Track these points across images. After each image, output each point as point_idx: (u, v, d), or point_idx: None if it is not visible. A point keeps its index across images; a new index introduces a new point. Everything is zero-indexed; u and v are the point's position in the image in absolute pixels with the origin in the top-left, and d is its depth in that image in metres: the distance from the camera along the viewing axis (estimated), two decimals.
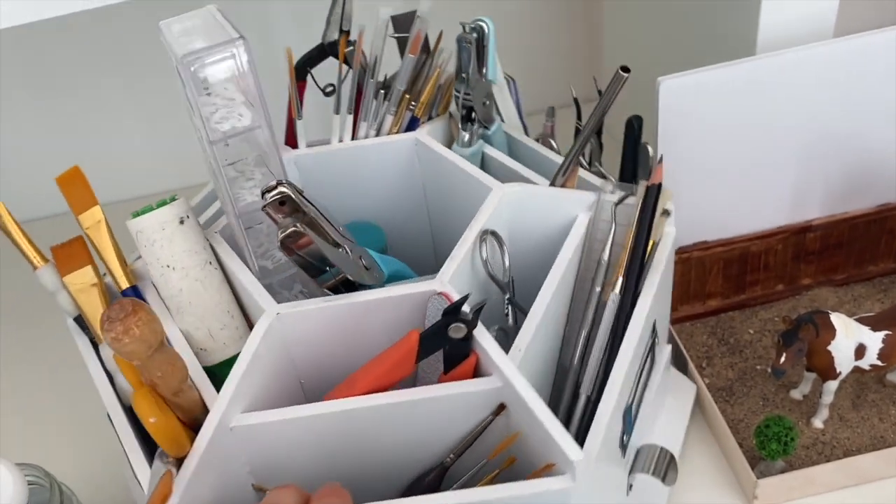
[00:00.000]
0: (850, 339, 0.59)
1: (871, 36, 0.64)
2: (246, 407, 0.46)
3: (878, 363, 0.60)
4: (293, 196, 0.46)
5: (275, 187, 0.46)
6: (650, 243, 0.52)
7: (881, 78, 0.65)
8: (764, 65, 0.62)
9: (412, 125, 0.63)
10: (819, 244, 0.71)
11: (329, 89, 0.63)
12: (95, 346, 0.53)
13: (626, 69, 0.54)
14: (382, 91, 0.61)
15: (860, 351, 0.59)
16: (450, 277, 0.49)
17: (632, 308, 0.51)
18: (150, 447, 0.46)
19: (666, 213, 0.53)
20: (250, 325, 0.54)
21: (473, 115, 0.61)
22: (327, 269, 0.48)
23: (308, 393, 0.53)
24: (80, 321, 0.53)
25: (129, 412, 0.49)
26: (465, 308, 0.45)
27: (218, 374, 0.49)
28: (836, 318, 0.59)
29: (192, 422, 0.45)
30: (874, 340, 0.59)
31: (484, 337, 0.45)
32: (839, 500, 0.60)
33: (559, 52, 1.00)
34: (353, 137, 0.62)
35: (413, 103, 0.62)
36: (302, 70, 0.64)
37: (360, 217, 0.65)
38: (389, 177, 0.64)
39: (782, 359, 0.58)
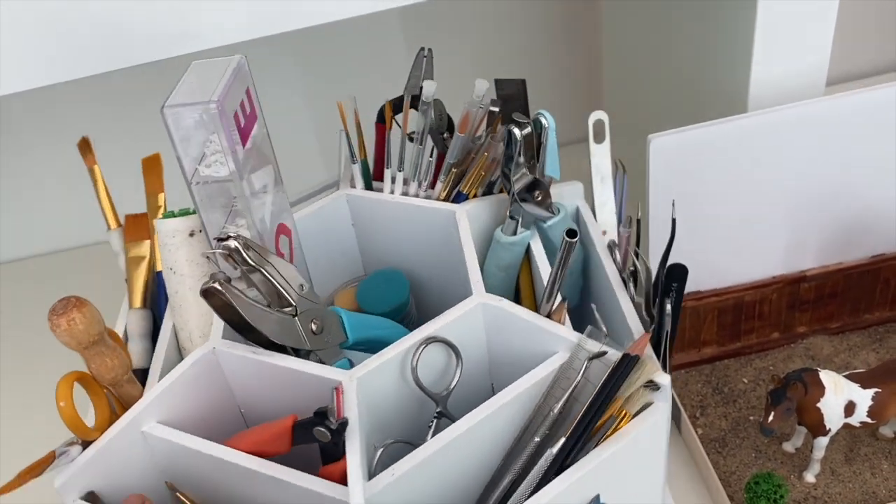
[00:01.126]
0: (840, 397, 0.59)
1: (862, 94, 0.62)
2: (166, 418, 0.50)
3: (868, 420, 0.60)
4: (241, 250, 0.48)
5: (226, 238, 0.48)
6: (607, 415, 0.46)
7: (873, 133, 0.63)
8: (755, 122, 0.62)
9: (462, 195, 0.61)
10: (814, 293, 0.71)
11: (413, 135, 0.62)
12: None
13: (572, 233, 0.49)
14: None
15: (850, 408, 0.59)
16: (364, 374, 0.48)
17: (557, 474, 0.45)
18: None
19: (652, 386, 0.46)
20: None
21: (513, 209, 0.57)
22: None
23: (248, 419, 0.55)
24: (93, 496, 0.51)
25: None
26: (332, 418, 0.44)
27: None
28: (826, 376, 0.59)
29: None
30: (864, 398, 0.59)
31: (351, 450, 0.44)
32: None
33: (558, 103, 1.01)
34: (405, 192, 0.63)
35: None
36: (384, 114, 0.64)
37: (396, 265, 0.65)
38: (427, 238, 0.62)
39: (770, 417, 0.58)
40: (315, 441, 0.45)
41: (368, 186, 0.64)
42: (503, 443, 0.49)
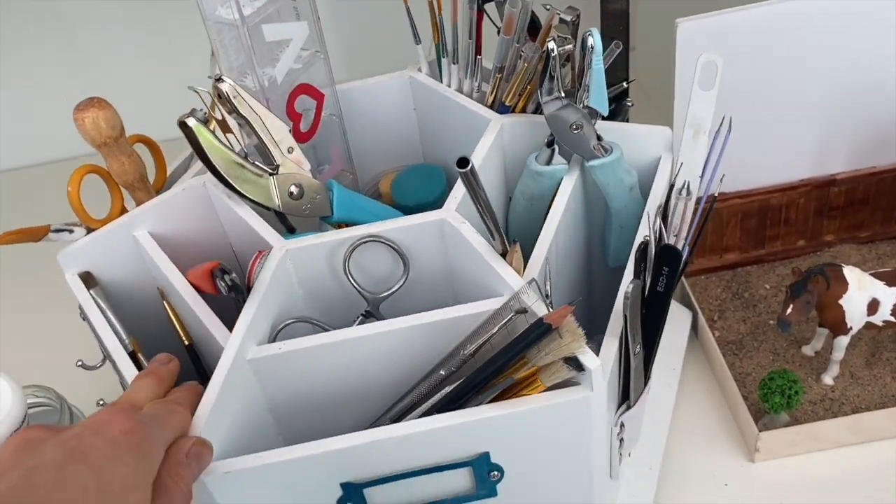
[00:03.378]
0: (863, 294, 0.56)
1: None
2: (159, 231, 0.53)
3: (892, 319, 0.57)
4: (230, 96, 0.47)
5: (220, 80, 0.47)
6: (511, 374, 0.41)
7: None
8: (790, 8, 0.58)
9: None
10: (843, 199, 0.67)
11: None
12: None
13: (462, 163, 0.41)
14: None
15: (873, 306, 0.56)
16: (298, 248, 0.48)
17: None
18: None
19: (573, 364, 0.40)
20: None
21: (552, 137, 0.50)
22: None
23: (239, 256, 0.56)
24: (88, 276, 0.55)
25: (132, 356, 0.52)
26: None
27: None
28: (849, 272, 0.56)
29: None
30: (888, 296, 0.56)
31: (244, 311, 0.46)
32: (843, 458, 0.57)
33: None
34: (461, 87, 0.59)
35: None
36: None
37: (446, 162, 0.63)
38: (467, 142, 0.57)
39: (789, 310, 0.55)
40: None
41: (441, 73, 0.60)
42: (412, 366, 0.45)
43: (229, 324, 0.45)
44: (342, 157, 0.60)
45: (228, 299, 0.48)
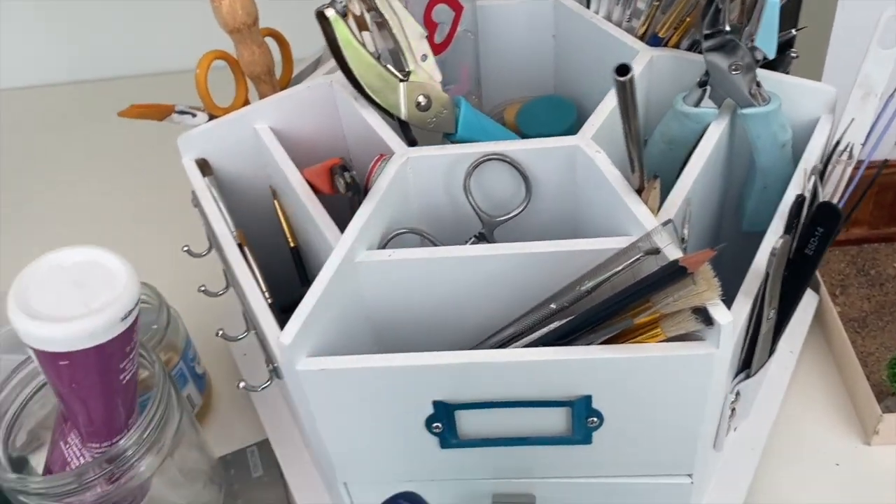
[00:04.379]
0: None
1: None
2: (280, 125, 0.52)
3: None
4: None
5: None
6: (630, 316, 0.38)
7: None
8: None
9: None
10: None
11: None
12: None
13: (622, 70, 0.36)
14: None
15: None
16: (419, 157, 0.46)
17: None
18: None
19: (701, 316, 0.36)
20: None
21: (706, 76, 0.46)
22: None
23: (354, 157, 0.55)
24: (204, 163, 0.55)
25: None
26: None
27: None
28: None
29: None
30: None
31: (359, 213, 0.44)
32: None
33: None
34: (609, 16, 0.54)
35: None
36: None
37: (579, 96, 0.59)
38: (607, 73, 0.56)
39: None
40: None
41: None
42: (519, 296, 0.43)
43: (338, 227, 0.44)
44: (470, 78, 0.57)
45: (338, 204, 0.47)
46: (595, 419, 0.41)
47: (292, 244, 0.55)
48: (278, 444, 0.57)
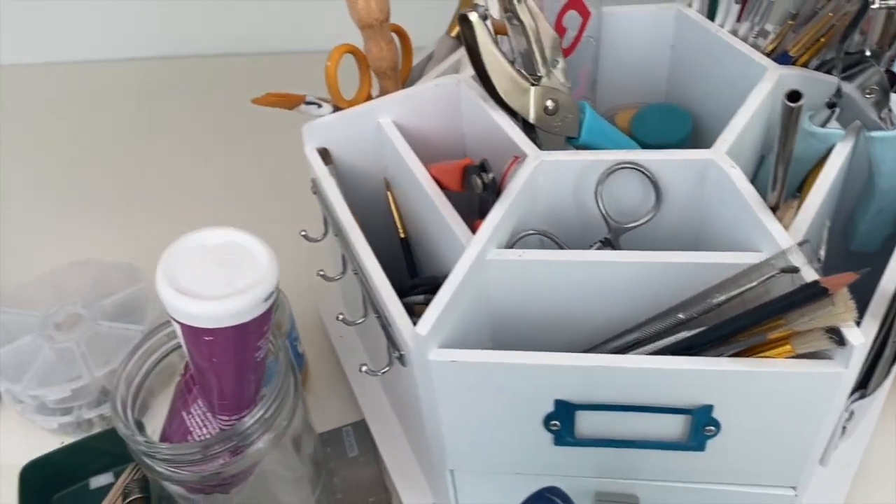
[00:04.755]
0: None
1: None
2: (402, 120, 0.54)
3: None
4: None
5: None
6: (762, 331, 0.39)
7: None
8: None
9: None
10: None
11: None
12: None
13: (794, 97, 0.37)
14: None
15: None
16: (552, 161, 0.47)
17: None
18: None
19: (834, 336, 0.37)
20: None
21: (836, 97, 0.46)
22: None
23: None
24: (325, 152, 0.56)
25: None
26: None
27: None
28: None
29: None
30: None
31: (492, 213, 0.45)
32: None
33: None
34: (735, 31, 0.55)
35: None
36: None
37: (695, 106, 0.59)
38: (731, 89, 0.54)
39: None
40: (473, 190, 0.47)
41: (711, 13, 0.56)
42: (642, 304, 0.44)
43: None
44: (587, 83, 0.58)
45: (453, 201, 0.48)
46: (713, 428, 0.42)
47: (402, 235, 0.57)
48: (375, 426, 0.59)
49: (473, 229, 0.45)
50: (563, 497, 0.36)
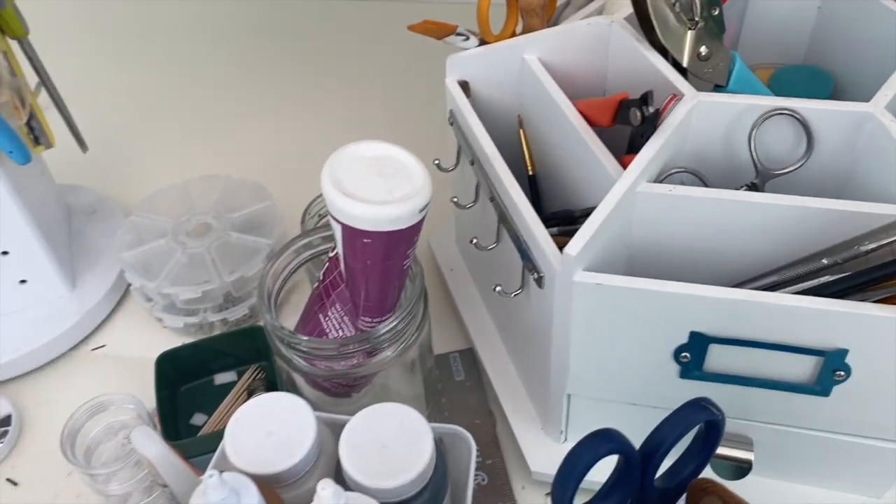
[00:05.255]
0: None
1: None
2: (547, 56, 0.55)
3: None
4: None
5: None
6: None
7: None
8: None
9: None
10: None
11: None
12: None
13: None
14: None
15: None
16: (709, 101, 0.48)
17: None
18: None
19: None
20: None
21: None
22: None
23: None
24: (465, 85, 0.58)
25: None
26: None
27: None
28: None
29: None
30: None
31: (648, 146, 0.46)
32: None
33: None
34: None
35: None
36: None
37: (841, 72, 0.59)
38: (883, 49, 0.55)
39: None
40: (629, 123, 0.48)
41: None
42: (785, 248, 0.45)
43: None
44: (731, 38, 0.59)
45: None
46: (843, 373, 0.43)
47: (531, 171, 0.59)
48: (485, 354, 0.62)
49: (621, 164, 0.47)
50: (718, 408, 0.38)
